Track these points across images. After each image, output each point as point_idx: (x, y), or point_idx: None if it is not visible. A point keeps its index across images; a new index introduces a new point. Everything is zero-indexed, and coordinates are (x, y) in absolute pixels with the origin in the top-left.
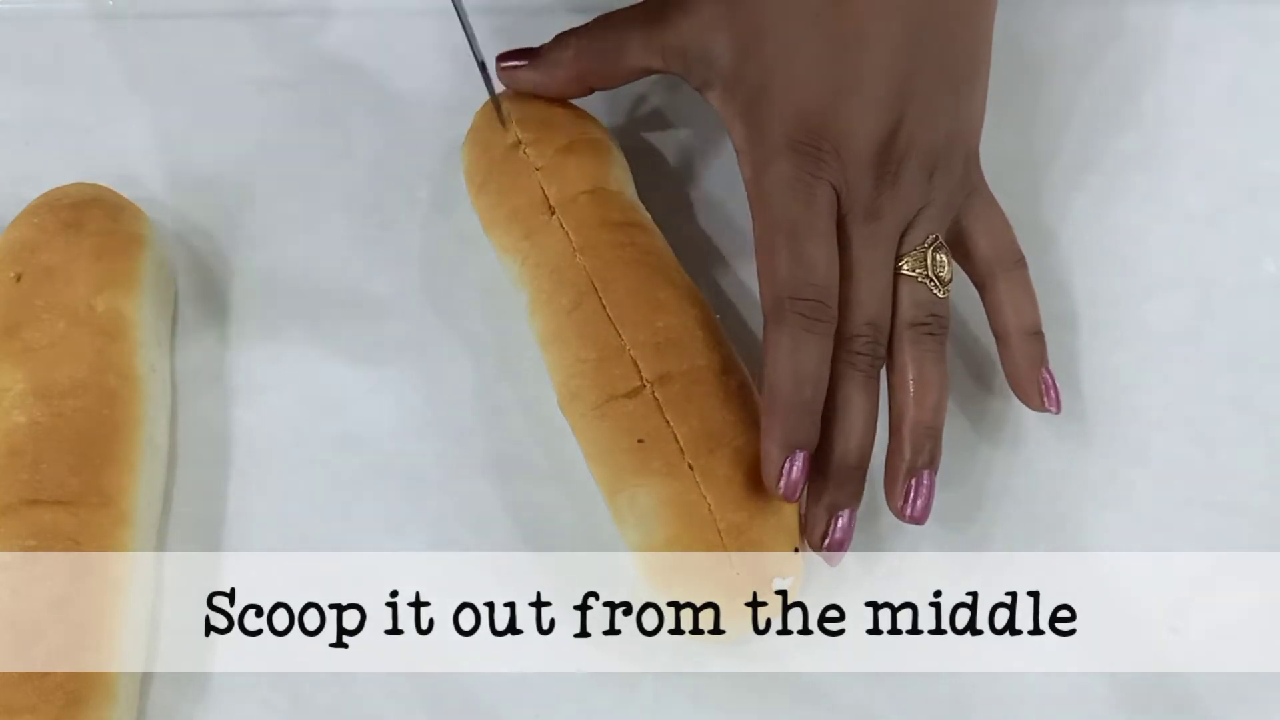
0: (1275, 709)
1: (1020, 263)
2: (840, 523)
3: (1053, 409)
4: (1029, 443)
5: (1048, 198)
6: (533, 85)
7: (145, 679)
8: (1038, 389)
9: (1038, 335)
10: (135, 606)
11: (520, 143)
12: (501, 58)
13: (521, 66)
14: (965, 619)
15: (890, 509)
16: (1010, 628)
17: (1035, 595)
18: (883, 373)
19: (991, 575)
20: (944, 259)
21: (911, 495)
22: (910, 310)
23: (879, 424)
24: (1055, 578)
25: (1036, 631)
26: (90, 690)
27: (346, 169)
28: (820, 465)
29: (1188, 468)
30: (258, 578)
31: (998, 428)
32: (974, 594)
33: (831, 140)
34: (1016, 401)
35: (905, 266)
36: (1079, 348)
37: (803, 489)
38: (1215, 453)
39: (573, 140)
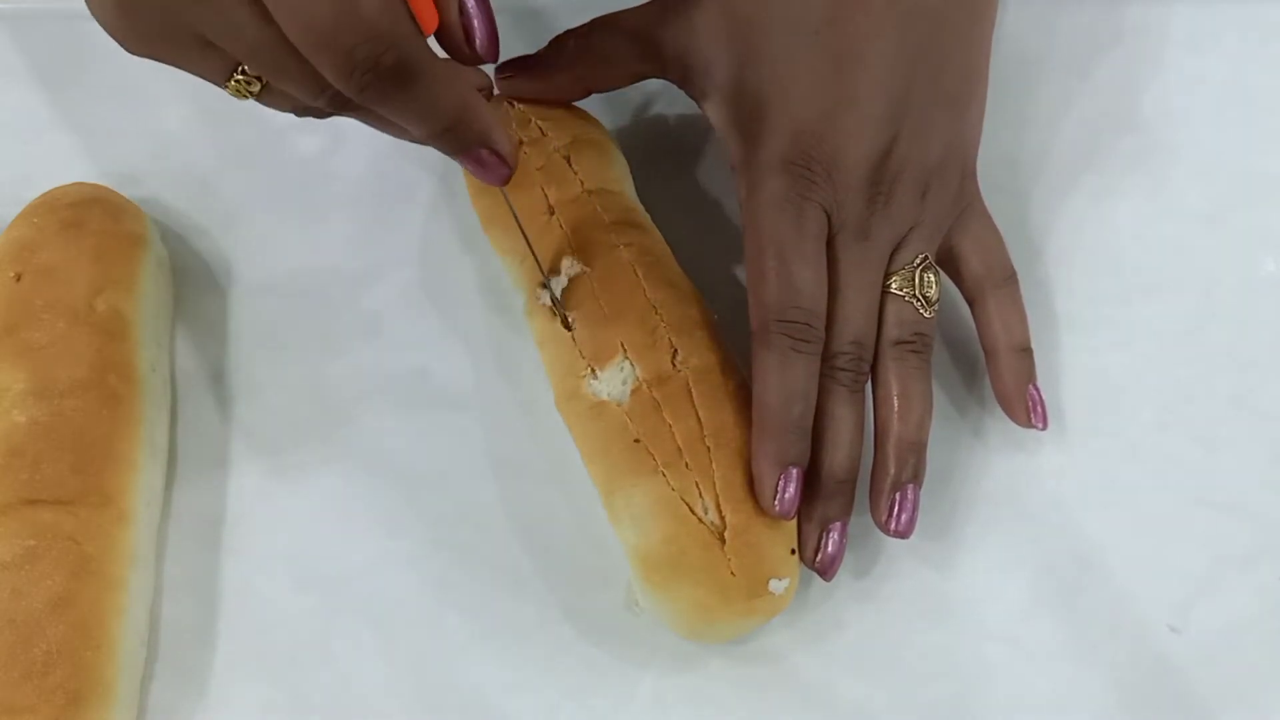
0: (1275, 709)
1: (1011, 279)
2: (833, 536)
3: (1039, 425)
4: (1028, 442)
5: (1047, 197)
6: (533, 92)
7: (145, 679)
8: (1024, 405)
9: (1026, 352)
10: (135, 606)
11: (520, 142)
12: (500, 69)
13: (521, 75)
14: (965, 618)
15: (875, 524)
16: (1009, 627)
17: (1035, 595)
18: (867, 389)
19: (991, 574)
20: (932, 279)
21: (896, 510)
22: (895, 329)
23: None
24: (1055, 577)
25: (1035, 631)
26: (90, 690)
27: (346, 169)
28: (810, 480)
29: (1188, 468)
30: (257, 578)
31: (997, 428)
32: (973, 593)
33: (824, 161)
34: None
35: (893, 285)
36: (1079, 347)
37: (798, 506)
38: (1215, 453)
39: (573, 140)
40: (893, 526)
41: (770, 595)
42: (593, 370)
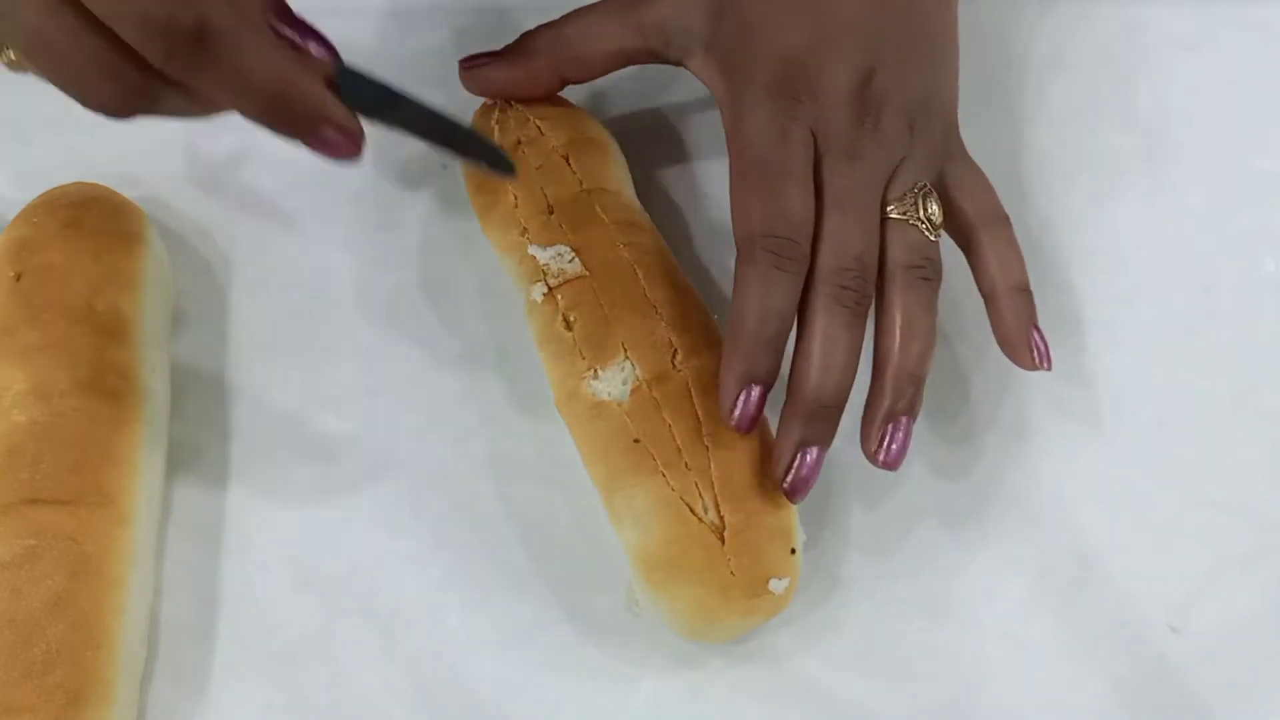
0: (1275, 709)
1: (1005, 220)
2: (808, 460)
3: (1044, 366)
4: (1029, 442)
5: (1047, 197)
6: (503, 81)
7: (145, 679)
8: (1028, 346)
9: (1026, 292)
10: (135, 606)
11: (519, 142)
12: (465, 61)
13: (489, 64)
14: (965, 618)
15: (864, 453)
16: (1009, 627)
17: (1035, 595)
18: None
19: (991, 574)
20: (935, 205)
21: (887, 440)
22: (903, 253)
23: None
24: (1055, 577)
25: (1035, 631)
26: (90, 690)
27: (346, 169)
28: (794, 400)
29: (1188, 468)
30: (257, 577)
31: (997, 427)
32: (973, 593)
33: (808, 82)
34: (1016, 402)
35: (894, 211)
36: (1079, 348)
37: (756, 423)
38: (1215, 453)
39: (571, 139)
40: (881, 457)
41: (770, 595)
42: (594, 370)
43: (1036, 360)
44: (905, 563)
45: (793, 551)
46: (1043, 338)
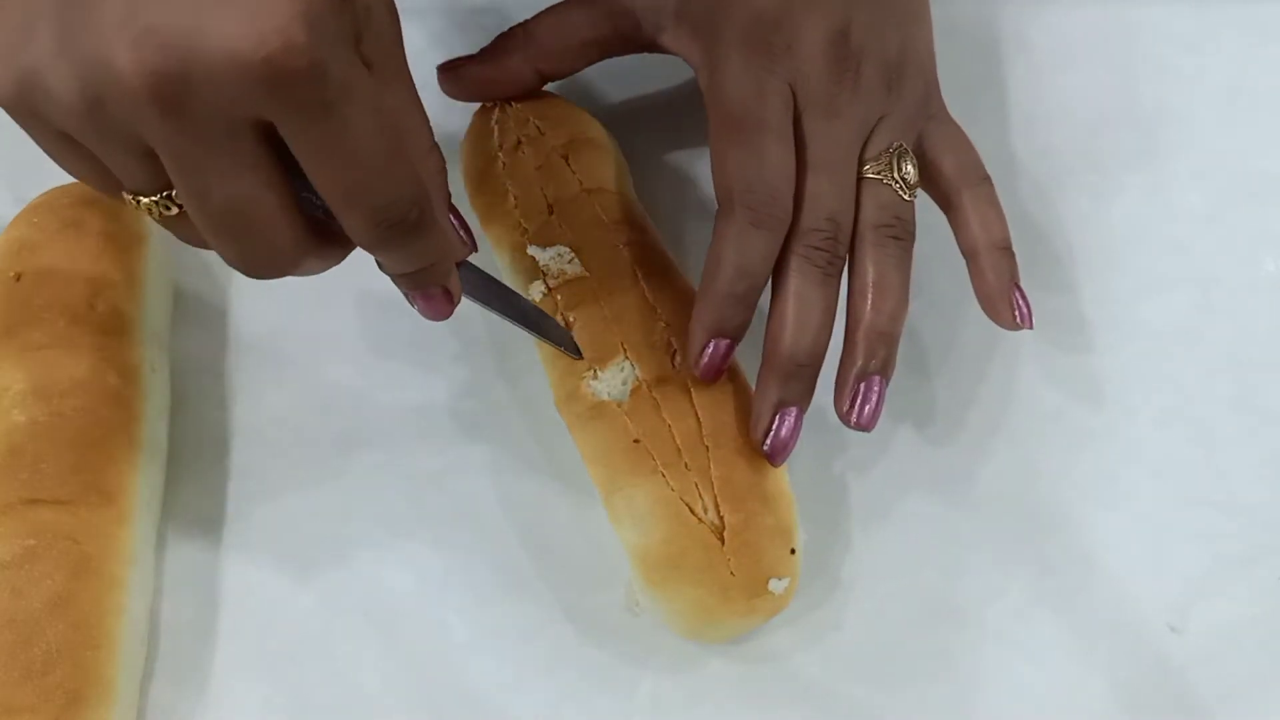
0: (1275, 709)
1: (986, 179)
2: (787, 421)
3: (1026, 325)
4: (1029, 442)
5: (1048, 197)
6: (480, 81)
7: (145, 679)
8: (1009, 304)
9: (1007, 250)
10: (135, 606)
11: (519, 142)
12: (444, 65)
13: (468, 64)
14: (965, 618)
15: (837, 414)
16: (1009, 627)
17: (1035, 595)
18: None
19: (991, 574)
20: (910, 166)
21: (859, 401)
22: (874, 212)
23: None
24: (1055, 577)
25: (1035, 631)
26: (90, 690)
27: None
28: (770, 361)
29: (1188, 468)
30: (257, 577)
31: (997, 427)
32: (973, 593)
33: (783, 36)
34: (1016, 402)
35: (869, 170)
36: (1079, 347)
37: (721, 374)
38: (1215, 453)
39: (571, 139)
40: (853, 418)
41: (770, 595)
42: (594, 370)
43: (1018, 319)
44: (905, 562)
45: (793, 551)
46: (1024, 297)
